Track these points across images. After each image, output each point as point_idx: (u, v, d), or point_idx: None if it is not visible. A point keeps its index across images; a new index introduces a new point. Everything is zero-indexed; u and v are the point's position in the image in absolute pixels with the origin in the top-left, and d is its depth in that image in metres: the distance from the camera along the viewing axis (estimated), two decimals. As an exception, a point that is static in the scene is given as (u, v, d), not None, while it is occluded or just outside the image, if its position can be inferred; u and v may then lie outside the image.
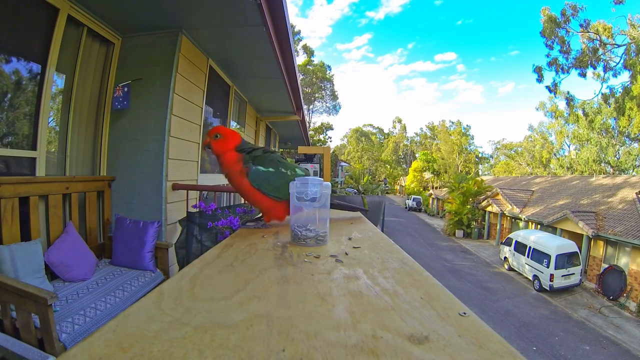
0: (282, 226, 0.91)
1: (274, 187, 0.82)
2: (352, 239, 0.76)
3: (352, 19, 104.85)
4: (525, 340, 7.88)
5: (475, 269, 13.54)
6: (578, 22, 21.11)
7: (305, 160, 3.79)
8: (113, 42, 2.90)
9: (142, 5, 2.54)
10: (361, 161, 53.76)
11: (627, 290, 9.82)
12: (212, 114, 4.20)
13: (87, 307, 1.84)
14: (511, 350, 0.30)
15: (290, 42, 3.36)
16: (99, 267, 2.43)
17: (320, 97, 39.55)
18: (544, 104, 31.24)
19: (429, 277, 0.50)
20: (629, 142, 24.42)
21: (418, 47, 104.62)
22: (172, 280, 0.46)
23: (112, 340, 0.30)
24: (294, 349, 0.30)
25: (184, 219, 2.80)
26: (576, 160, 29.14)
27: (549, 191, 17.20)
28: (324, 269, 0.54)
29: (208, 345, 0.30)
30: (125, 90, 2.75)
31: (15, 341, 1.52)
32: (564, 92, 24.84)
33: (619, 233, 10.29)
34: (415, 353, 0.29)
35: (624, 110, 21.51)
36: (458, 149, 45.40)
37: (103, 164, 2.89)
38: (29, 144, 2.26)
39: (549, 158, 34.02)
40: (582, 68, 21.73)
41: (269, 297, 0.41)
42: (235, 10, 2.60)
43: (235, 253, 0.63)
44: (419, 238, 19.24)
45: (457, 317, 0.36)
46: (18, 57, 2.21)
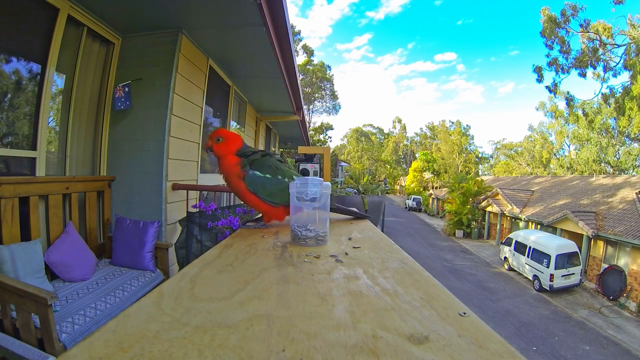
0: (282, 226, 0.91)
1: (270, 192, 0.82)
2: (352, 239, 0.76)
3: (352, 19, 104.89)
4: (525, 340, 7.88)
5: (475, 269, 13.54)
6: (578, 22, 21.12)
7: (305, 160, 3.78)
8: (113, 42, 2.90)
9: (142, 5, 2.54)
10: (361, 161, 53.77)
11: (627, 290, 9.82)
12: (212, 114, 4.20)
13: (87, 307, 1.84)
14: (511, 350, 0.30)
15: (290, 42, 3.36)
16: (99, 267, 2.43)
17: (320, 97, 39.56)
18: (544, 104, 31.25)
19: (429, 277, 0.50)
20: (629, 142, 24.42)
21: (418, 47, 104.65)
22: (172, 280, 0.46)
23: (112, 340, 0.30)
24: (294, 349, 0.30)
25: (184, 219, 2.80)
26: (576, 160, 29.14)
27: (549, 191, 17.20)
28: (324, 269, 0.54)
29: (208, 345, 0.30)
30: (126, 91, 2.75)
31: (15, 341, 1.52)
32: (564, 92, 24.86)
33: (619, 233, 10.29)
34: (415, 353, 0.29)
35: (624, 110, 21.51)
36: (458, 149, 45.40)
37: (103, 164, 2.89)
38: (29, 144, 2.26)
39: (549, 158, 34.03)
40: (582, 68, 21.74)
41: (269, 297, 0.41)
42: (235, 10, 2.60)
43: (235, 253, 0.63)
44: (419, 238, 19.24)
45: (457, 317, 0.36)
46: (18, 57, 2.21)
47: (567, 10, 21.15)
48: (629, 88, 20.58)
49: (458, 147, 45.51)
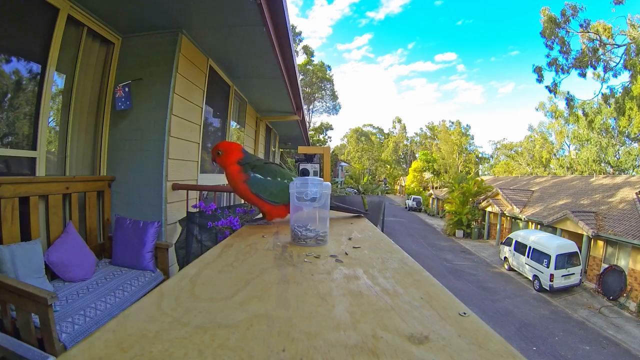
0: (282, 226, 0.91)
1: (271, 193, 0.89)
2: (352, 239, 0.76)
3: (353, 19, 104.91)
4: (525, 340, 7.88)
5: (475, 269, 13.54)
6: (578, 22, 21.12)
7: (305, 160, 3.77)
8: (113, 42, 2.90)
9: (142, 5, 2.54)
10: (361, 161, 53.74)
11: (627, 290, 9.82)
12: (212, 113, 4.20)
13: (87, 307, 1.84)
14: (511, 350, 0.30)
15: (291, 42, 3.36)
16: (99, 267, 2.43)
17: (320, 97, 39.57)
18: (544, 104, 31.25)
19: (429, 277, 0.50)
20: (629, 142, 24.42)
21: (418, 47, 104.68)
22: (172, 280, 0.46)
23: (112, 340, 0.30)
24: (294, 349, 0.30)
25: (184, 219, 2.80)
26: (576, 160, 29.15)
27: (549, 191, 17.20)
28: (324, 269, 0.54)
29: (208, 346, 0.30)
30: (126, 90, 2.75)
31: (15, 341, 1.52)
32: (564, 92, 24.84)
33: (619, 233, 10.29)
34: (415, 353, 0.29)
35: (624, 110, 21.51)
36: (458, 149, 45.39)
37: (103, 164, 2.89)
38: (29, 144, 2.26)
39: (549, 158, 34.03)
40: (582, 68, 21.73)
41: (269, 297, 0.41)
42: (235, 10, 2.60)
43: (235, 253, 0.63)
44: (419, 238, 19.24)
45: (457, 317, 0.36)
46: (18, 57, 2.21)
47: (567, 11, 21.15)
48: (629, 88, 20.58)
49: (458, 147, 45.49)
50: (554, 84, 23.09)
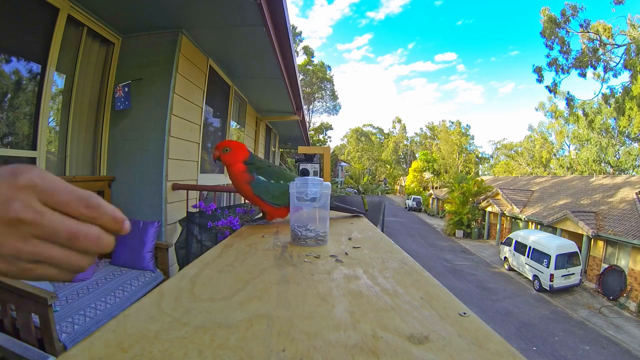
0: (282, 226, 0.91)
1: (272, 195, 0.91)
2: (352, 239, 0.76)
3: (353, 19, 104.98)
4: (525, 340, 7.88)
5: (475, 269, 13.54)
6: (578, 22, 21.13)
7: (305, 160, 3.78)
8: (113, 42, 2.90)
9: (142, 5, 2.54)
10: (361, 161, 53.75)
11: (627, 290, 9.82)
12: (212, 113, 4.20)
13: (87, 307, 1.84)
14: (511, 351, 0.30)
15: (290, 42, 3.36)
16: (99, 267, 2.43)
17: (320, 97, 39.58)
18: (544, 104, 31.29)
19: (429, 277, 0.50)
20: (629, 142, 24.44)
21: (418, 47, 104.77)
22: (172, 280, 0.46)
23: (112, 340, 0.30)
24: (294, 349, 0.30)
25: (184, 219, 2.80)
26: (576, 160, 29.16)
27: (549, 191, 17.20)
28: (324, 269, 0.54)
29: (208, 346, 0.30)
30: (126, 90, 2.75)
31: (15, 341, 1.52)
32: (564, 92, 24.87)
33: (619, 233, 10.29)
34: (415, 353, 0.29)
35: (624, 110, 21.51)
36: (458, 149, 45.40)
37: (103, 164, 2.89)
38: (29, 144, 2.26)
39: (549, 158, 34.04)
40: (582, 68, 21.75)
41: (269, 297, 0.41)
42: (235, 10, 2.60)
43: (235, 253, 0.63)
44: (419, 238, 19.24)
45: (457, 317, 0.36)
46: (18, 57, 2.21)
47: (567, 11, 21.16)
48: (629, 88, 20.58)
49: (458, 147, 45.51)
50: (554, 84, 23.11)
